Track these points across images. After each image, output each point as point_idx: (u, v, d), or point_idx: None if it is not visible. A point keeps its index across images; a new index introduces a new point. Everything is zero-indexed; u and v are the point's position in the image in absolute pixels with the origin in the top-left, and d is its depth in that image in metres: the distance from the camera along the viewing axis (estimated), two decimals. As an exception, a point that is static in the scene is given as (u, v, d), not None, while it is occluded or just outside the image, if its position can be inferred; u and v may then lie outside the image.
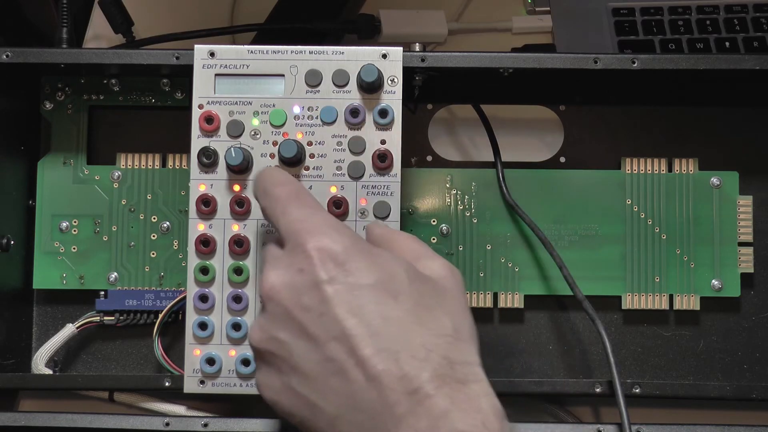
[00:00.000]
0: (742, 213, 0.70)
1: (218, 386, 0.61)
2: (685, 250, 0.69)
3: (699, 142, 0.71)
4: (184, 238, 0.69)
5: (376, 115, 0.61)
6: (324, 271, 0.49)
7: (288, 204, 0.53)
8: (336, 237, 0.50)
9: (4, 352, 0.68)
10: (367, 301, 0.48)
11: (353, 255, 0.49)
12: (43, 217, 0.70)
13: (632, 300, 0.69)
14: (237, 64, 0.62)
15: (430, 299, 0.50)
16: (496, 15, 0.86)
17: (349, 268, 0.49)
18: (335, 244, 0.49)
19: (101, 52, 0.67)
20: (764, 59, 0.64)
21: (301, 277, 0.49)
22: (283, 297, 0.49)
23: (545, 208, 0.70)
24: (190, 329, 0.61)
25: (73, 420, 0.63)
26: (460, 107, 0.74)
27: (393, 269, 0.50)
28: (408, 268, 0.50)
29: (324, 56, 0.62)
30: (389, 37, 0.82)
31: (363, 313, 0.48)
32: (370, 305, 0.48)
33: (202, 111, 0.62)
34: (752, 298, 0.71)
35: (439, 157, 0.72)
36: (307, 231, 0.50)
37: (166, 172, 0.70)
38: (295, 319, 0.49)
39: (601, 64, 0.64)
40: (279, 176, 0.55)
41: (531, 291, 0.70)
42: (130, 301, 0.69)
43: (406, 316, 0.48)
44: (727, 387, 0.66)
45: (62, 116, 0.70)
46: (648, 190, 0.70)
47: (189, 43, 0.72)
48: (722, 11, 0.85)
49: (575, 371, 0.70)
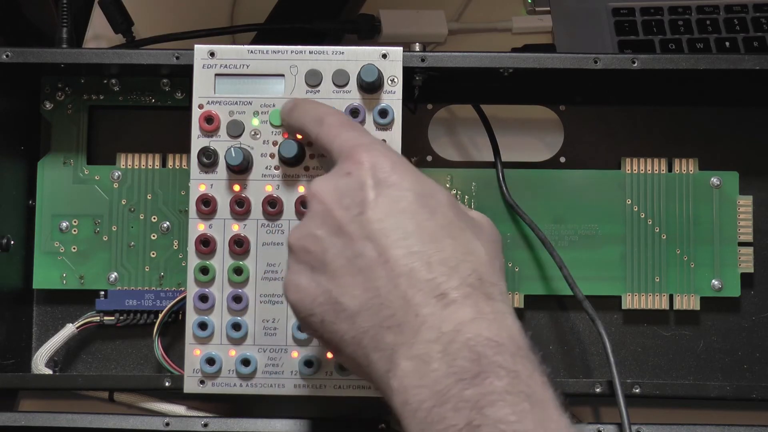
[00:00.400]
0: (742, 213, 0.70)
1: (218, 386, 0.61)
2: (685, 250, 0.69)
3: (699, 142, 0.71)
4: (184, 238, 0.69)
5: (376, 115, 0.61)
6: (370, 175, 0.50)
7: (341, 128, 0.55)
8: (387, 152, 0.52)
9: (4, 352, 0.68)
10: (405, 209, 0.49)
11: (400, 169, 0.51)
12: (43, 217, 0.70)
13: (632, 300, 0.69)
14: (237, 64, 0.62)
15: (465, 225, 0.51)
16: (496, 15, 0.86)
17: (394, 179, 0.50)
18: (385, 157, 0.51)
19: (101, 52, 0.67)
20: (764, 59, 0.64)
21: (347, 179, 0.51)
22: (326, 196, 0.51)
23: (545, 208, 0.70)
24: (190, 329, 0.61)
25: (73, 420, 0.64)
26: (460, 107, 0.74)
27: (435, 189, 0.51)
28: (449, 196, 0.52)
29: (324, 56, 0.62)
30: (389, 37, 0.82)
31: (399, 218, 0.49)
32: (407, 213, 0.49)
33: (202, 111, 0.62)
34: (752, 298, 0.71)
35: (439, 157, 0.72)
36: (360, 145, 0.52)
37: (166, 172, 0.70)
38: (335, 217, 0.50)
39: (601, 64, 0.64)
40: (327, 107, 0.58)
41: (531, 291, 0.70)
42: (130, 301, 0.69)
43: (440, 230, 0.49)
44: (727, 387, 0.66)
45: (62, 116, 0.70)
46: (648, 190, 0.70)
47: (189, 43, 0.72)
48: (722, 11, 0.85)
49: (575, 371, 0.70)
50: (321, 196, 0.51)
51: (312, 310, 0.50)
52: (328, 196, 0.51)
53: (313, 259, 0.50)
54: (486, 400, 0.43)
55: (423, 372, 0.45)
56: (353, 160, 0.51)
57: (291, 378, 0.61)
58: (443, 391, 0.44)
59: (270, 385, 0.61)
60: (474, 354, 0.44)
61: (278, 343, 0.61)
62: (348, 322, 0.48)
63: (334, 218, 0.50)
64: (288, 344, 0.61)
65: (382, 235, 0.48)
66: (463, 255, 0.48)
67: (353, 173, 0.51)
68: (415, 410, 0.45)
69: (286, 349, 0.61)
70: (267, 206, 0.61)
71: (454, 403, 0.43)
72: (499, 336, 0.45)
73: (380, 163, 0.51)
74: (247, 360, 0.61)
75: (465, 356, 0.44)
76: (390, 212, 0.49)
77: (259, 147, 0.62)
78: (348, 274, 0.49)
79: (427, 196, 0.50)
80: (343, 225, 0.50)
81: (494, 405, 0.43)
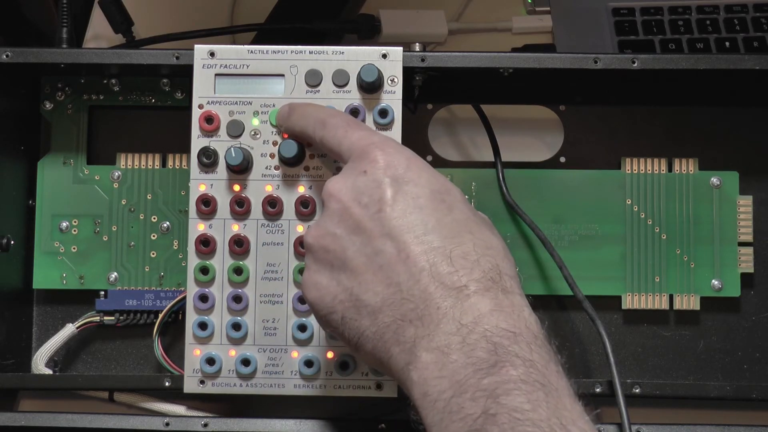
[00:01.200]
0: (742, 213, 0.70)
1: (218, 386, 0.61)
2: (685, 250, 0.69)
3: (699, 142, 0.71)
4: (184, 238, 0.69)
5: (376, 115, 0.61)
6: (387, 173, 0.51)
7: (348, 128, 0.55)
8: (401, 149, 0.52)
9: (4, 352, 0.68)
10: (424, 205, 0.50)
11: (415, 166, 0.52)
12: (43, 217, 0.70)
13: (632, 300, 0.69)
14: (237, 64, 0.62)
15: (480, 220, 0.52)
16: (496, 15, 0.86)
17: (410, 176, 0.51)
18: (400, 155, 0.52)
19: (101, 52, 0.67)
20: (764, 59, 0.64)
21: (364, 178, 0.51)
22: (344, 195, 0.51)
23: (545, 208, 0.70)
24: (190, 329, 0.61)
25: (73, 420, 0.63)
26: (460, 107, 0.74)
27: (449, 186, 0.52)
28: (461, 192, 0.52)
29: (324, 56, 0.62)
30: (389, 37, 0.82)
31: (418, 215, 0.50)
32: (426, 209, 0.50)
33: (202, 111, 0.62)
34: (752, 298, 0.71)
35: (439, 157, 0.72)
36: (373, 143, 0.53)
37: (166, 172, 0.70)
38: (353, 216, 0.51)
39: (601, 64, 0.64)
40: (327, 109, 0.59)
41: (531, 291, 0.70)
42: (130, 301, 0.69)
43: (459, 225, 0.50)
44: (727, 387, 0.66)
45: (62, 116, 0.70)
46: (648, 190, 0.70)
47: (189, 43, 0.72)
48: (722, 11, 0.85)
49: (575, 371, 0.70)
50: (338, 195, 0.52)
51: (333, 308, 0.51)
52: (346, 194, 0.51)
53: (333, 258, 0.51)
54: (502, 389, 0.44)
55: (443, 363, 0.46)
56: (368, 158, 0.52)
57: (291, 378, 0.61)
58: (462, 381, 0.45)
59: (270, 385, 0.61)
60: (491, 344, 0.45)
61: (278, 343, 0.61)
62: (370, 318, 0.49)
63: (352, 216, 0.51)
64: (288, 344, 0.61)
65: (402, 231, 0.49)
66: (483, 249, 0.49)
67: (369, 172, 0.51)
68: (435, 401, 0.45)
69: (286, 349, 0.61)
70: (267, 206, 0.61)
71: (471, 392, 0.44)
72: (516, 327, 0.46)
73: (396, 160, 0.51)
74: (247, 360, 0.61)
75: (483, 347, 0.45)
76: (408, 209, 0.50)
77: (259, 147, 0.62)
78: (368, 271, 0.49)
79: (443, 192, 0.51)
80: (361, 223, 0.50)
81: (510, 394, 0.44)
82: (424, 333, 0.47)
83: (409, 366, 0.47)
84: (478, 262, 0.49)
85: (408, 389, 0.48)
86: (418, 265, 0.48)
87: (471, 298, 0.47)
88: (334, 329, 0.52)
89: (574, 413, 0.44)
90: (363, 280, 0.50)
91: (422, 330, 0.47)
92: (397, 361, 0.48)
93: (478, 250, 0.49)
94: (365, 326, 0.49)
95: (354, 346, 0.51)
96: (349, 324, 0.50)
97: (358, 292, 0.50)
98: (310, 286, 0.52)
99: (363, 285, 0.50)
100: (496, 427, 0.43)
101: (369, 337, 0.49)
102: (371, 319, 0.49)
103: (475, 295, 0.47)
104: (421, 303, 0.48)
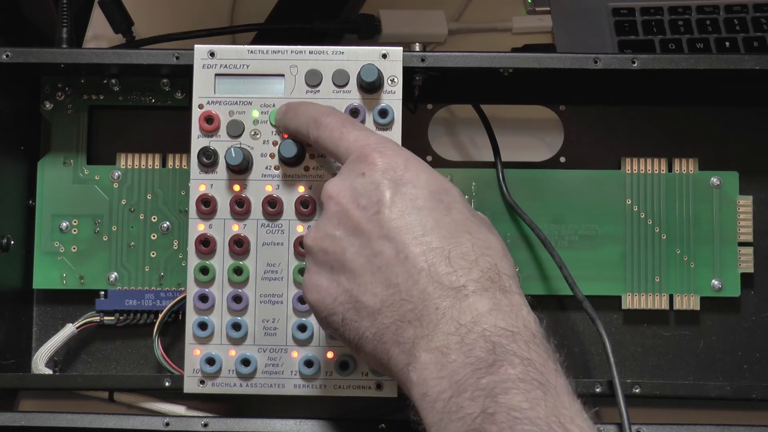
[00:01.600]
0: (742, 213, 0.70)
1: (218, 386, 0.61)
2: (685, 250, 0.69)
3: (699, 142, 0.71)
4: (184, 238, 0.69)
5: (376, 115, 0.61)
6: (385, 175, 0.51)
7: (344, 128, 0.55)
8: (399, 150, 0.52)
9: (4, 352, 0.68)
10: (422, 206, 0.50)
11: (413, 167, 0.51)
12: (43, 217, 0.70)
13: (632, 300, 0.69)
14: (237, 64, 0.62)
15: (479, 220, 0.52)
16: (496, 15, 0.86)
17: (409, 177, 0.51)
18: (398, 156, 0.52)
19: (101, 52, 0.67)
20: (764, 59, 0.64)
21: (362, 180, 0.51)
22: (342, 197, 0.51)
23: (545, 208, 0.70)
24: (190, 329, 0.61)
25: (73, 420, 0.63)
26: (460, 107, 0.74)
27: (448, 186, 0.52)
28: (460, 192, 0.52)
29: (324, 56, 0.62)
30: (389, 37, 0.82)
31: (416, 216, 0.50)
32: (424, 210, 0.50)
33: (202, 111, 0.62)
34: (752, 298, 0.71)
35: (439, 157, 0.72)
36: (369, 145, 0.53)
37: (166, 172, 0.70)
38: (352, 218, 0.51)
39: (601, 64, 0.64)
40: (322, 108, 0.58)
41: (531, 291, 0.69)
42: (130, 301, 0.69)
43: (457, 225, 0.50)
44: (727, 387, 0.66)
45: (62, 116, 0.70)
46: (648, 190, 0.70)
47: (189, 43, 0.72)
48: (722, 11, 0.85)
49: (575, 371, 0.70)
50: (337, 197, 0.52)
51: (333, 309, 0.51)
52: (345, 197, 0.51)
53: (332, 260, 0.51)
54: (500, 388, 0.44)
55: (442, 363, 0.46)
56: (366, 161, 0.52)
57: (291, 378, 0.61)
58: (461, 381, 0.45)
59: (270, 385, 0.61)
60: (490, 344, 0.45)
61: (278, 343, 0.61)
62: (369, 319, 0.49)
63: (351, 218, 0.51)
64: (288, 344, 0.61)
65: (400, 232, 0.49)
66: (482, 249, 0.49)
67: (367, 174, 0.51)
68: (434, 401, 0.46)
69: (286, 349, 0.61)
70: (267, 206, 0.61)
71: (470, 392, 0.44)
72: (514, 326, 0.46)
73: (394, 162, 0.51)
74: (247, 360, 0.61)
75: (481, 346, 0.45)
76: (407, 210, 0.50)
77: (259, 147, 0.62)
78: (367, 272, 0.50)
79: (441, 192, 0.51)
80: (360, 225, 0.50)
81: (508, 392, 0.44)
82: (423, 333, 0.47)
83: (409, 366, 0.47)
84: (476, 262, 0.49)
85: (408, 389, 0.48)
86: (417, 266, 0.48)
87: (469, 297, 0.47)
88: (334, 330, 0.52)
89: (573, 411, 0.44)
90: (362, 282, 0.50)
91: (421, 330, 0.47)
92: (397, 362, 0.48)
93: (476, 250, 0.49)
94: (365, 327, 0.50)
95: (354, 347, 0.51)
96: (350, 325, 0.50)
97: (358, 293, 0.50)
98: (310, 287, 0.52)
99: (362, 286, 0.50)
100: (495, 426, 0.43)
101: (369, 338, 0.49)
102: (371, 320, 0.49)
103: (474, 294, 0.47)
104: (419, 303, 0.48)
